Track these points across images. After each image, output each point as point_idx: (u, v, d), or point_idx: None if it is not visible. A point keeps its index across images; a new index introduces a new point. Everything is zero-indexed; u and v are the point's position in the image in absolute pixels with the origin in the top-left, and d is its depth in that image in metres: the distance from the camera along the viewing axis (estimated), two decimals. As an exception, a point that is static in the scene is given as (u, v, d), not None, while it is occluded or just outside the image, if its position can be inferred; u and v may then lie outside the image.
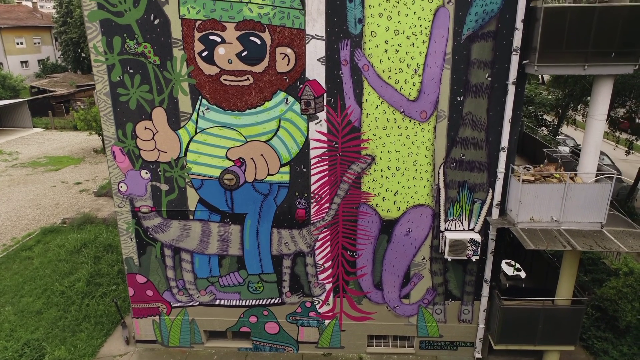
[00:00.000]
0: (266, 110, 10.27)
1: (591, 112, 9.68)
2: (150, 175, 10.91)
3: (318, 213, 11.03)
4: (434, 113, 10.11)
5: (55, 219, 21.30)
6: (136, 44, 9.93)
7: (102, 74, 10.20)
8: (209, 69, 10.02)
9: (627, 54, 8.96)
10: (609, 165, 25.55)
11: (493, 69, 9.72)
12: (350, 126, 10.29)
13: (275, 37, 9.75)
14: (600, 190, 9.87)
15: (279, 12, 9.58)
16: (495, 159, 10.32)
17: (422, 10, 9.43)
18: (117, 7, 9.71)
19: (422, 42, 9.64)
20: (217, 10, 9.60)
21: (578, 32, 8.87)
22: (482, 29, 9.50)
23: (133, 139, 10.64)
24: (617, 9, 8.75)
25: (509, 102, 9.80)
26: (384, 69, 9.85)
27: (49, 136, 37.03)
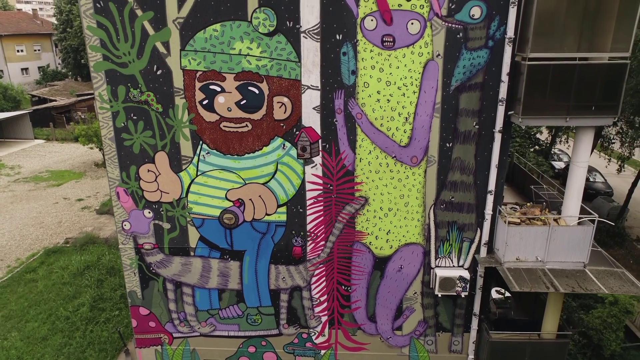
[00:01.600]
0: (264, 155, 10.74)
1: (574, 160, 10.16)
2: (153, 215, 11.38)
3: (314, 250, 11.50)
4: (424, 158, 10.59)
5: (58, 238, 21.76)
6: (140, 92, 10.39)
7: (107, 120, 10.66)
8: (209, 116, 10.49)
9: (607, 107, 9.44)
10: (601, 182, 26.10)
11: (480, 117, 10.20)
12: (344, 170, 10.76)
13: (273, 87, 10.22)
14: (582, 233, 10.34)
15: (276, 64, 10.05)
16: (483, 201, 10.79)
17: (412, 63, 9.91)
18: (122, 59, 10.17)
19: (413, 93, 10.11)
20: (217, 62, 10.07)
21: (560, 87, 9.36)
22: (470, 81, 9.97)
23: (136, 180, 11.10)
24: (597, 65, 9.22)
25: (495, 149, 10.27)
26: (377, 117, 10.32)
27: (50, 148, 37.48)
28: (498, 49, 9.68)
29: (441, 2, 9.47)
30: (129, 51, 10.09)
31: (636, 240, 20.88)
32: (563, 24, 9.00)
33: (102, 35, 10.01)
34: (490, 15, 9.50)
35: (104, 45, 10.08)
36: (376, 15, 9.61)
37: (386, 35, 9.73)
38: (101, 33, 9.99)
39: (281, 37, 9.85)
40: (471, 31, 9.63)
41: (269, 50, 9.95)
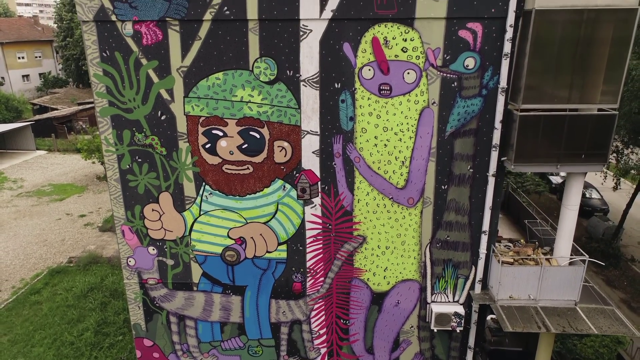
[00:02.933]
0: (265, 196, 11.07)
1: (565, 203, 10.50)
2: (157, 251, 11.71)
3: (313, 286, 11.83)
4: (420, 199, 10.92)
5: (62, 257, 22.10)
6: (144, 136, 10.72)
7: (112, 162, 10.99)
8: (212, 159, 10.82)
9: (596, 155, 9.79)
10: (597, 199, 26.41)
11: (474, 161, 10.53)
12: (343, 210, 11.09)
13: (274, 132, 10.55)
14: (573, 273, 10.68)
15: (277, 111, 10.38)
16: (478, 240, 11.12)
17: (408, 110, 10.24)
18: (127, 105, 10.50)
19: (409, 138, 10.44)
20: (220, 108, 10.40)
21: (551, 136, 9.70)
22: (464, 127, 10.30)
23: (141, 219, 11.43)
24: (586, 116, 9.56)
25: (489, 191, 10.61)
26: (374, 160, 10.65)
27: (52, 160, 37.79)
28: (491, 98, 10.02)
29: (436, 53, 9.80)
30: (134, 97, 10.42)
31: (631, 260, 21.20)
32: (553, 78, 9.33)
33: (108, 83, 10.34)
34: (484, 65, 9.83)
35: (110, 92, 10.41)
36: (373, 65, 9.94)
37: (383, 84, 10.06)
38: (107, 80, 10.32)
39: (282, 85, 10.18)
40: (465, 80, 9.96)
41: (270, 98, 10.28)
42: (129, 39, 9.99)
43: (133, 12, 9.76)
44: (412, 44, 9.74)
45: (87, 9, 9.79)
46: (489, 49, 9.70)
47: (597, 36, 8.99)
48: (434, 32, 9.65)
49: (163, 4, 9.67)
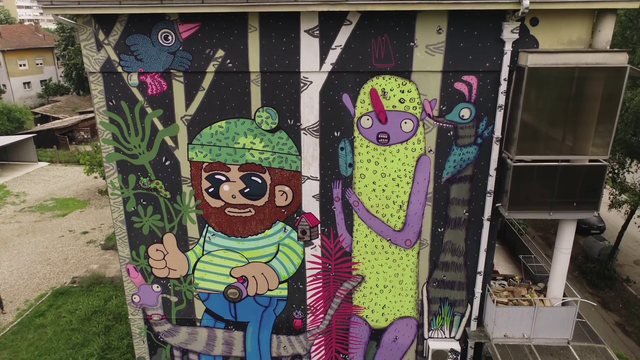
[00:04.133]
0: (266, 237, 11.38)
1: (557, 246, 10.82)
2: (161, 289, 12.02)
3: (313, 322, 12.15)
4: (417, 241, 11.23)
5: (65, 277, 22.40)
6: (149, 180, 11.03)
7: (118, 204, 11.30)
8: (214, 202, 11.13)
9: (587, 203, 10.10)
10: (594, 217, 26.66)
11: (470, 205, 10.85)
12: (342, 251, 11.41)
13: (275, 177, 10.86)
14: (566, 313, 11.00)
15: (278, 157, 10.69)
16: (473, 280, 11.44)
17: (406, 158, 10.55)
18: (133, 151, 10.81)
19: (407, 183, 10.76)
20: (222, 154, 10.71)
21: (544, 185, 10.01)
22: (460, 173, 10.62)
23: (146, 258, 11.74)
24: (578, 167, 9.86)
25: (484, 234, 10.92)
26: (372, 204, 10.96)
27: (54, 172, 38.08)
28: (486, 146, 10.33)
29: (433, 104, 10.11)
30: (139, 144, 10.73)
31: (626, 281, 21.52)
32: (546, 131, 9.64)
33: (114, 130, 10.65)
34: (479, 116, 10.14)
35: (116, 138, 10.72)
36: (372, 115, 10.25)
37: (381, 132, 10.37)
38: (113, 128, 10.63)
39: (283, 133, 10.49)
40: (461, 130, 10.27)
41: (271, 145, 10.59)
42: (134, 89, 10.30)
43: (138, 64, 10.07)
44: (410, 95, 10.06)
45: (94, 61, 10.09)
46: (483, 100, 10.01)
47: (587, 92, 9.29)
48: (430, 84, 9.96)
49: (168, 57, 9.98)
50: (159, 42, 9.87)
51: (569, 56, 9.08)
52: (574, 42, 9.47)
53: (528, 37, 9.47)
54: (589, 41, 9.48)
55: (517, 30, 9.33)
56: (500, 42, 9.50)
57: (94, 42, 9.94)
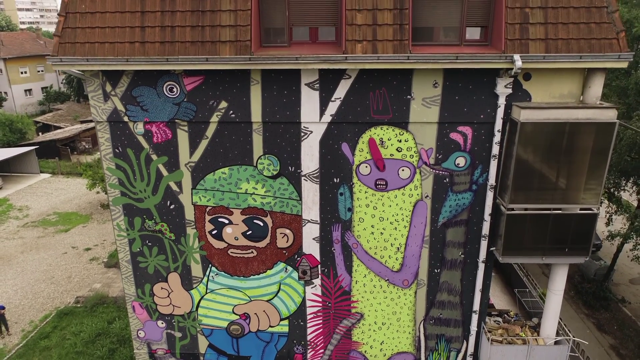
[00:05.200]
0: (268, 277, 11.72)
1: (550, 287, 11.15)
2: (166, 325, 12.36)
3: (314, 357, 12.49)
4: (414, 281, 11.57)
5: (69, 297, 22.74)
6: (154, 223, 11.37)
7: (124, 245, 11.64)
8: (218, 244, 11.47)
9: (579, 249, 10.44)
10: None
11: (465, 248, 11.19)
12: (341, 290, 11.75)
13: (276, 221, 11.20)
14: (559, 351, 11.34)
15: (279, 202, 11.03)
16: (469, 318, 11.78)
17: (403, 203, 10.88)
18: (138, 195, 11.14)
19: (404, 227, 11.09)
20: (225, 199, 11.05)
21: (536, 232, 10.34)
22: (456, 218, 10.96)
23: (151, 296, 12.08)
24: (569, 215, 10.20)
25: (479, 275, 11.25)
26: (371, 246, 11.30)
27: (56, 185, 38.40)
28: (481, 192, 10.66)
29: (429, 152, 10.44)
30: (145, 189, 11.07)
31: (621, 301, 21.86)
32: (538, 181, 9.97)
33: (121, 175, 10.98)
34: (474, 164, 10.47)
35: (122, 183, 11.05)
36: (370, 163, 10.59)
37: (379, 179, 10.71)
38: (119, 173, 10.96)
39: (284, 179, 10.82)
40: (456, 177, 10.61)
41: (273, 190, 10.93)
42: (140, 137, 10.63)
43: (144, 114, 10.40)
44: (407, 144, 10.39)
45: (101, 111, 10.43)
46: (478, 149, 10.34)
47: (578, 145, 9.62)
48: (426, 134, 10.29)
49: (173, 108, 10.31)
50: (164, 94, 10.20)
51: (560, 112, 9.42)
52: (565, 95, 9.81)
53: (521, 91, 9.80)
54: (579, 95, 9.81)
55: (511, 85, 9.66)
56: (494, 95, 9.83)
57: (101, 93, 10.28)
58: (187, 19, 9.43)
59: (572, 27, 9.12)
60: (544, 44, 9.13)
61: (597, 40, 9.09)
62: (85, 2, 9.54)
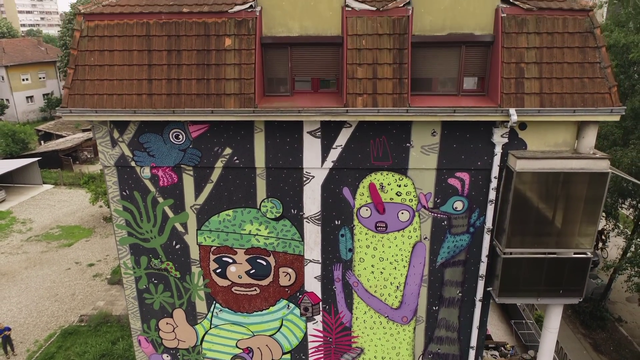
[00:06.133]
0: (271, 313, 12.03)
1: (546, 325, 11.46)
2: (171, 358, 12.67)
3: (315, 389, 12.81)
4: (413, 318, 11.88)
5: (73, 315, 23.04)
6: (160, 262, 11.67)
7: (130, 283, 11.95)
8: (222, 281, 11.77)
9: (573, 290, 10.74)
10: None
11: (463, 287, 11.49)
12: (342, 326, 12.05)
13: (279, 260, 11.50)
14: (554, 387, 11.65)
15: (282, 242, 11.34)
16: (466, 353, 12.09)
17: (402, 244, 11.19)
18: (145, 235, 11.45)
19: (403, 267, 11.40)
20: (230, 239, 11.35)
21: (531, 275, 10.63)
22: (454, 258, 11.26)
23: (156, 331, 12.39)
24: (564, 259, 10.50)
25: (476, 312, 11.56)
26: (371, 285, 11.61)
27: (58, 196, 38.70)
28: (478, 234, 10.96)
29: (428, 197, 10.74)
30: (151, 229, 11.37)
31: (618, 320, 22.17)
32: (534, 227, 10.27)
33: (127, 217, 11.28)
34: (471, 208, 10.77)
35: (129, 224, 11.36)
36: (370, 206, 10.89)
37: (379, 222, 11.01)
38: (126, 215, 11.26)
39: (286, 221, 11.13)
40: (454, 220, 10.91)
41: (276, 232, 11.23)
42: (147, 181, 10.93)
43: (151, 159, 10.70)
44: (406, 189, 10.69)
45: (108, 156, 10.73)
46: (475, 194, 10.64)
47: (572, 194, 9.92)
48: (425, 179, 10.59)
49: (178, 154, 10.61)
50: (170, 141, 10.50)
51: (555, 162, 9.72)
52: (560, 144, 10.10)
53: (517, 139, 10.10)
54: (573, 144, 10.11)
55: (507, 134, 9.96)
56: (491, 144, 10.13)
57: (109, 139, 10.58)
58: (193, 72, 9.73)
59: (566, 82, 9.42)
60: (539, 98, 9.43)
61: (590, 94, 9.39)
62: (94, 55, 9.84)
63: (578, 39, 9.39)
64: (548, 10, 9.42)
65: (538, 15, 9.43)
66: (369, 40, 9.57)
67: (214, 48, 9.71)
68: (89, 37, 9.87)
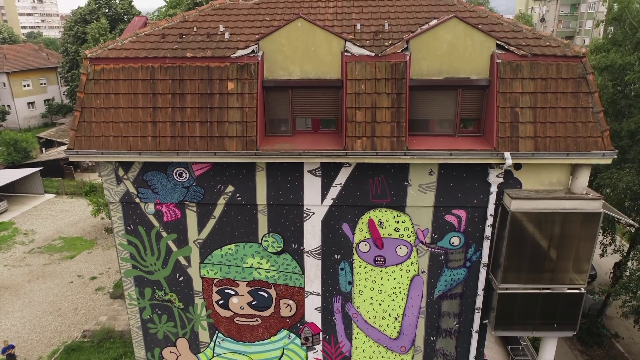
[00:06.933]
0: (272, 343, 12.30)
1: (541, 356, 11.72)
2: (174, 385, 12.95)
3: (315, 415, 13.08)
4: (411, 348, 12.14)
5: (76, 330, 23.28)
6: (164, 293, 11.94)
7: (135, 313, 12.21)
8: (224, 312, 12.04)
9: (567, 324, 11.01)
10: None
11: (460, 318, 11.76)
12: (342, 356, 12.32)
13: (280, 292, 11.77)
14: (549, 416, 11.91)
15: (283, 275, 11.60)
16: (464, 381, 12.37)
17: (401, 277, 11.45)
18: (149, 268, 11.71)
19: (401, 299, 11.66)
20: (232, 272, 11.62)
21: (526, 309, 10.90)
22: (450, 291, 11.52)
23: (160, 359, 12.65)
24: (558, 294, 10.76)
25: (473, 343, 11.83)
26: (370, 316, 11.87)
27: (60, 206, 38.91)
28: (475, 268, 11.23)
29: (425, 233, 11.01)
30: (155, 262, 11.63)
31: (615, 336, 22.39)
32: (529, 263, 10.53)
33: (132, 250, 11.55)
34: (468, 243, 11.03)
35: (133, 257, 11.62)
36: (369, 241, 11.16)
37: (378, 256, 11.27)
38: (131, 248, 11.53)
39: (287, 255, 11.39)
40: (451, 255, 11.18)
41: (277, 265, 11.50)
42: (151, 217, 11.20)
43: (155, 196, 10.97)
44: (404, 225, 10.95)
45: (113, 192, 10.99)
46: (472, 230, 10.90)
47: (566, 232, 10.18)
48: (423, 216, 10.86)
49: (182, 191, 10.87)
50: (174, 179, 10.77)
51: (549, 202, 9.98)
52: (554, 183, 10.36)
53: (512, 179, 10.36)
54: (567, 182, 10.37)
55: (502, 174, 10.22)
56: (487, 183, 10.39)
57: (114, 177, 10.84)
58: (196, 114, 10.00)
59: (560, 126, 9.68)
60: (533, 141, 9.69)
61: (583, 138, 9.65)
62: (100, 98, 10.10)
63: (571, 85, 9.65)
64: (542, 56, 9.68)
65: (532, 61, 9.69)
66: (367, 85, 9.83)
67: (217, 92, 9.97)
68: (95, 80, 10.13)
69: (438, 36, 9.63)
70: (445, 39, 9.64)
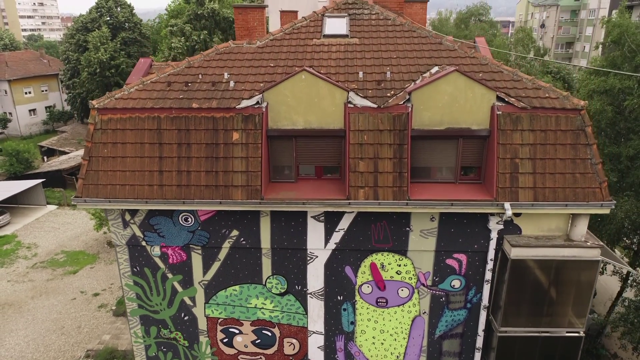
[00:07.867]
0: (275, 379, 12.49)
1: (540, 394, 11.91)
2: (179, 419, 13.14)
3: None
4: (413, 385, 12.35)
5: (79, 350, 23.48)
6: (169, 332, 12.13)
7: (140, 350, 12.40)
8: (228, 350, 12.23)
9: (566, 365, 11.20)
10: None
11: (460, 357, 11.94)
12: (344, 392, 12.53)
13: (283, 331, 11.96)
14: None
15: (287, 315, 11.79)
16: (464, 417, 12.56)
17: (402, 318, 11.64)
18: (154, 307, 11.90)
19: (403, 338, 11.86)
20: (236, 312, 11.81)
21: (526, 350, 11.10)
22: (451, 331, 11.72)
23: (165, 394, 12.86)
24: (556, 338, 10.95)
25: (474, 381, 12.04)
26: (372, 355, 12.06)
27: (63, 218, 39.09)
28: (475, 309, 11.42)
29: (427, 275, 11.20)
30: (160, 302, 11.82)
31: (614, 356, 22.57)
32: (528, 308, 10.73)
33: (138, 291, 11.74)
34: (468, 285, 11.22)
35: (139, 297, 11.81)
36: (372, 283, 11.35)
37: (380, 297, 11.47)
38: (137, 289, 11.72)
39: (291, 296, 11.58)
40: (452, 296, 11.36)
41: (281, 306, 11.69)
42: (156, 259, 11.39)
43: (161, 239, 11.15)
44: (406, 268, 11.15)
45: (120, 236, 11.18)
46: (472, 273, 11.09)
47: (565, 279, 10.38)
48: (424, 260, 11.04)
49: (187, 235, 11.06)
50: (179, 223, 10.95)
51: (548, 250, 10.17)
52: (553, 229, 10.55)
53: (512, 225, 10.55)
54: (566, 229, 10.55)
55: (502, 222, 10.41)
56: (487, 229, 10.58)
57: (121, 222, 11.03)
58: (202, 164, 10.18)
59: (559, 177, 9.86)
60: (533, 192, 9.88)
61: (582, 189, 9.83)
62: (107, 147, 10.29)
63: (570, 137, 9.84)
64: (541, 108, 9.87)
65: (532, 114, 9.87)
66: (370, 136, 10.02)
67: (222, 142, 10.15)
68: (102, 129, 10.32)
69: (440, 89, 9.82)
70: (447, 91, 9.83)
